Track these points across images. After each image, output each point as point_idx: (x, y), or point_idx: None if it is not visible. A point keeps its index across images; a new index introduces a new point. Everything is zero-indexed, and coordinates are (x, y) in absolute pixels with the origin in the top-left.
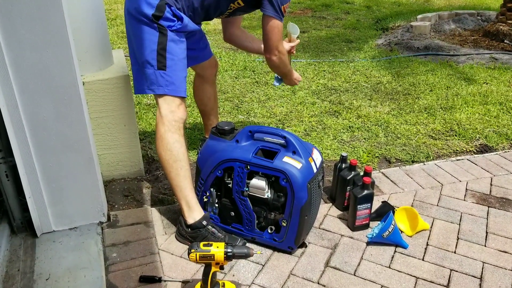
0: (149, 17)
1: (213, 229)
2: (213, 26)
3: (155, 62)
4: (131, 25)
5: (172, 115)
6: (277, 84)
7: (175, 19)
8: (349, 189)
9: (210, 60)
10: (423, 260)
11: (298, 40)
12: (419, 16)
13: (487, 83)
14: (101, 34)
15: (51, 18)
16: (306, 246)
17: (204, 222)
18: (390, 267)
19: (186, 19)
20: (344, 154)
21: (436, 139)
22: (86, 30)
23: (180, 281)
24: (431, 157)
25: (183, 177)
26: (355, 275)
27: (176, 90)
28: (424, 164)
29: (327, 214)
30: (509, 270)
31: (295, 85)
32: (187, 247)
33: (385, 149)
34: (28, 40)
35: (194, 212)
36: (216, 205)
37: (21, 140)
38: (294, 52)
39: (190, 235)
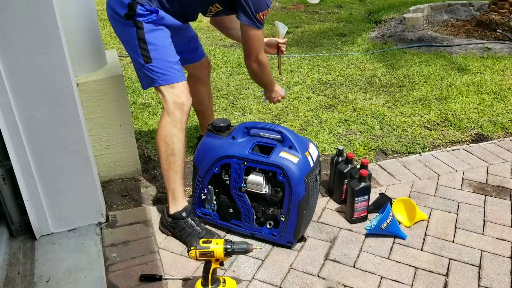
0: (123, 16)
1: (192, 222)
2: (206, 24)
3: (141, 58)
4: (113, 27)
5: (173, 105)
6: (265, 100)
7: (149, 13)
8: (346, 182)
9: (202, 61)
10: (421, 250)
11: (286, 39)
12: (412, 8)
13: (480, 73)
14: (94, 35)
15: (43, 20)
16: (305, 240)
17: (184, 214)
18: (389, 258)
19: (163, 13)
20: (340, 147)
21: (431, 130)
22: (79, 31)
23: (180, 279)
24: (427, 148)
25: (173, 171)
26: (354, 267)
27: (169, 79)
28: (420, 155)
29: (325, 208)
30: (507, 257)
31: (276, 103)
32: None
33: (381, 141)
34: (20, 43)
35: (177, 204)
36: (214, 202)
37: (16, 143)
38: (285, 51)
39: (170, 224)
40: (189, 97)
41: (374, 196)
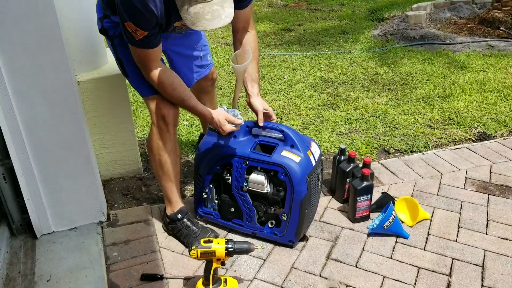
0: (101, 33)
1: (188, 222)
2: None
3: (121, 72)
4: None
5: (156, 116)
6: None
7: (113, 24)
8: (348, 181)
9: (206, 75)
10: (424, 249)
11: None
12: (414, 6)
13: (484, 71)
14: (94, 33)
15: (44, 19)
16: (307, 240)
17: (179, 216)
18: (391, 258)
19: None
20: (342, 146)
21: (434, 128)
22: (79, 29)
23: (181, 278)
24: (430, 147)
25: (164, 179)
26: (356, 267)
27: (147, 91)
28: (423, 153)
29: (327, 207)
30: (510, 257)
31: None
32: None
33: (384, 140)
34: (21, 42)
35: (172, 206)
36: (216, 201)
37: (17, 142)
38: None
39: (170, 225)
40: (170, 107)
41: (376, 195)
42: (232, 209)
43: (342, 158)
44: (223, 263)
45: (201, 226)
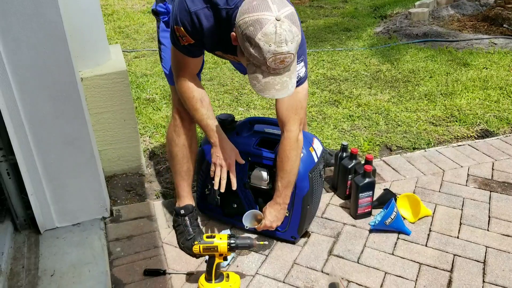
0: (152, 13)
1: (188, 221)
2: None
3: (159, 54)
4: None
5: (174, 109)
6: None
7: (165, 10)
8: (350, 177)
9: None
10: (426, 246)
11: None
12: (417, 3)
13: (486, 68)
14: (98, 30)
15: (47, 15)
16: (309, 236)
17: (182, 211)
18: (393, 254)
19: None
20: (344, 143)
21: (436, 126)
22: (82, 26)
23: (184, 273)
24: (432, 144)
25: (174, 172)
26: (358, 263)
27: (172, 80)
28: (425, 150)
29: (329, 203)
30: None
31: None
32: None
33: (386, 137)
34: (24, 38)
35: (179, 200)
36: (218, 197)
37: (21, 138)
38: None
39: (174, 216)
40: None
41: (378, 191)
42: (235, 205)
43: (344, 155)
44: (225, 259)
45: (199, 231)
